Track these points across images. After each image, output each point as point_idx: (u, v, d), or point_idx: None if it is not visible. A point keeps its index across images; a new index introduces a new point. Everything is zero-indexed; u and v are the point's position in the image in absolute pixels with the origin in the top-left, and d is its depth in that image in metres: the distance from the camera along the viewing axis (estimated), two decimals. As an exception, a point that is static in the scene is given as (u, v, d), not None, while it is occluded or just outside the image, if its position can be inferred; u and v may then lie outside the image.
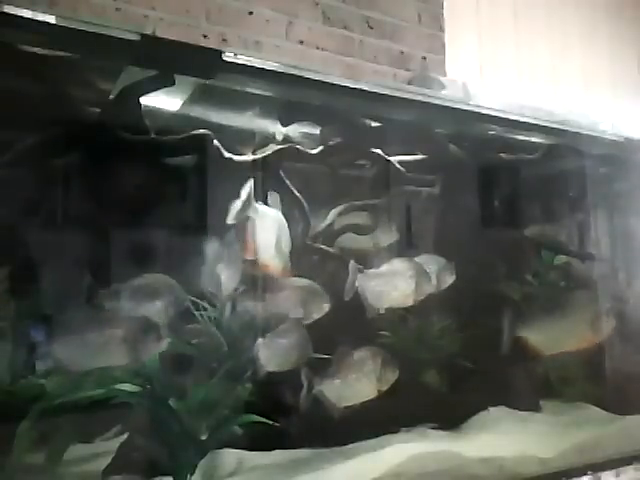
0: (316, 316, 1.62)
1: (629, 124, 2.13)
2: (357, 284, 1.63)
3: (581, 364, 2.06)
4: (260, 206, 1.64)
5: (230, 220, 1.57)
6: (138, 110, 1.51)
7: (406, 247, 1.99)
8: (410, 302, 1.72)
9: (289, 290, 1.63)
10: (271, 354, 1.49)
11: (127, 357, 1.29)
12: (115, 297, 1.38)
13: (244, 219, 1.59)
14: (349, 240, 1.89)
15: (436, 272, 1.80)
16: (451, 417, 1.79)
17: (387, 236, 1.98)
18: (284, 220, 1.66)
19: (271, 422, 1.37)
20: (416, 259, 1.79)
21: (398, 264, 1.74)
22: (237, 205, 1.59)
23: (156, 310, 1.41)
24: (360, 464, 1.45)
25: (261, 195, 1.71)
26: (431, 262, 1.81)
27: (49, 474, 1.27)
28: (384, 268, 1.72)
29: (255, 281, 1.58)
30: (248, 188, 1.63)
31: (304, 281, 1.67)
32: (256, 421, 1.37)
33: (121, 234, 1.52)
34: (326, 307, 1.63)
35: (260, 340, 1.50)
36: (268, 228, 1.61)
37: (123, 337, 1.29)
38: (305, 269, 1.72)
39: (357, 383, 1.57)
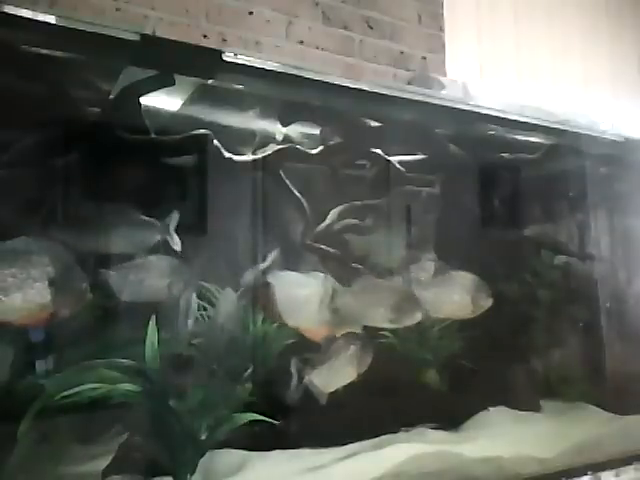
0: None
1: (629, 124, 2.13)
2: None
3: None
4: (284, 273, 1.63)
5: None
6: (138, 110, 1.51)
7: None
8: (469, 314, 1.74)
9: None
10: None
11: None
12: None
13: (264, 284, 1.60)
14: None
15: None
16: (451, 417, 1.79)
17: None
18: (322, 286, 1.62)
19: (270, 420, 1.36)
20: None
21: (456, 276, 1.76)
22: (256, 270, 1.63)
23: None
24: (360, 464, 1.45)
25: (262, 195, 1.72)
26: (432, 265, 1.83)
27: (49, 474, 1.27)
28: (440, 279, 1.74)
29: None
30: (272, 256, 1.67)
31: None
32: (256, 420, 1.37)
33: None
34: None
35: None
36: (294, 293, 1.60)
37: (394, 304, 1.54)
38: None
39: (341, 368, 1.56)
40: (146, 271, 1.50)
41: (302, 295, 1.58)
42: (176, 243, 1.51)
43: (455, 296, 1.73)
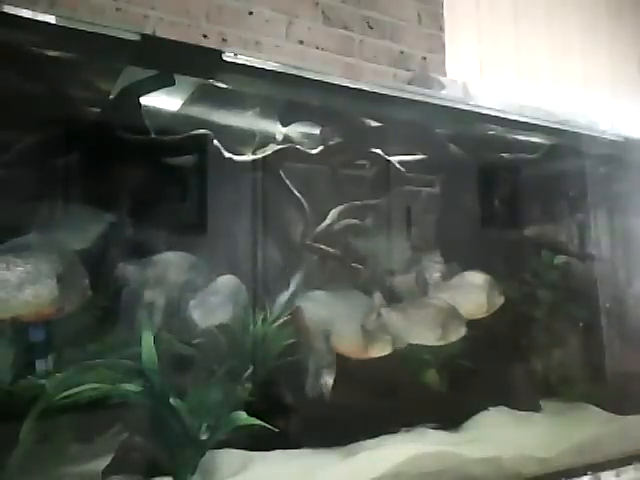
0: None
1: (629, 124, 2.13)
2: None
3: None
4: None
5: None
6: (138, 110, 1.51)
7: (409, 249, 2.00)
8: (484, 313, 1.75)
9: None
10: None
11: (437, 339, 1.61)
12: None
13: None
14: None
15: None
16: (451, 417, 1.79)
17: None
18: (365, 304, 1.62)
19: (270, 427, 1.35)
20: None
21: (470, 276, 1.78)
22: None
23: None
24: (360, 464, 1.45)
25: (262, 195, 1.72)
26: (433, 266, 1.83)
27: (49, 474, 1.27)
28: (455, 280, 1.76)
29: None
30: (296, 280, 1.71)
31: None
32: (255, 424, 1.37)
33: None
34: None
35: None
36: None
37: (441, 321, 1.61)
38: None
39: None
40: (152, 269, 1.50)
41: (339, 315, 1.57)
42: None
43: (472, 296, 1.74)
